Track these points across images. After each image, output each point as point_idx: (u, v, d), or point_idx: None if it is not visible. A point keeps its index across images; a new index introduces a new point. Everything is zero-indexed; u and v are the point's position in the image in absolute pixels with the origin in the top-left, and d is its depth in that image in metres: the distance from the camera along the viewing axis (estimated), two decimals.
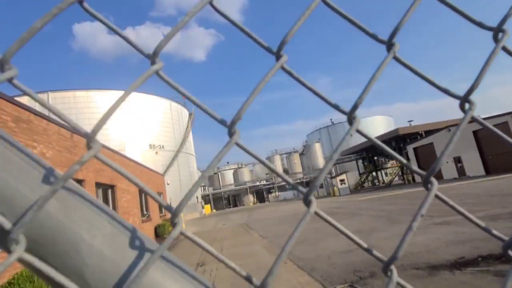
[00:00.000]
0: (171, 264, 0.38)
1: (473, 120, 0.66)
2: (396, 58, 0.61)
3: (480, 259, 5.00)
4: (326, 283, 5.19)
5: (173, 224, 0.42)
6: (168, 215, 21.25)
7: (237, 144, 0.49)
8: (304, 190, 0.56)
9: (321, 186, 48.13)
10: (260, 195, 66.24)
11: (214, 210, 57.86)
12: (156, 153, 35.71)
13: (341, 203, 23.35)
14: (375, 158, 49.79)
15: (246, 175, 66.43)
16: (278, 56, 0.56)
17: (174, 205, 0.42)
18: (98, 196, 9.88)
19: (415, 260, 5.63)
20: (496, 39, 0.70)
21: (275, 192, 63.52)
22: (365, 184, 51.29)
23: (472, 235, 6.55)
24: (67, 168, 0.32)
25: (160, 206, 18.37)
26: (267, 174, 67.15)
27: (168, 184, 25.91)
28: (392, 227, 9.37)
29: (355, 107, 0.55)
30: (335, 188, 38.59)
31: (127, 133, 33.53)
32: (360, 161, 52.30)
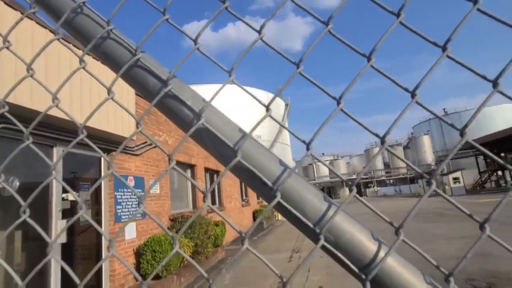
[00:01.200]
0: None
1: None
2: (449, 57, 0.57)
3: None
4: None
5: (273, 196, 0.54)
6: (264, 203, 22.55)
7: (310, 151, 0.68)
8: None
9: (428, 183, 42.92)
10: (357, 188, 63.45)
11: None
12: None
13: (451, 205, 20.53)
14: (502, 154, 41.61)
15: (342, 167, 64.39)
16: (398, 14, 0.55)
17: None
18: (206, 180, 11.27)
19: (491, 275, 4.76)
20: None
21: (373, 186, 59.81)
22: (487, 185, 43.56)
23: None
24: (183, 153, 0.57)
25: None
26: (364, 167, 63.65)
27: None
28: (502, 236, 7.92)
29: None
30: (447, 186, 34.05)
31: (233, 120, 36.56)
32: (480, 158, 44.54)
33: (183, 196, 9.72)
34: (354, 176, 62.59)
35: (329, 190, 65.09)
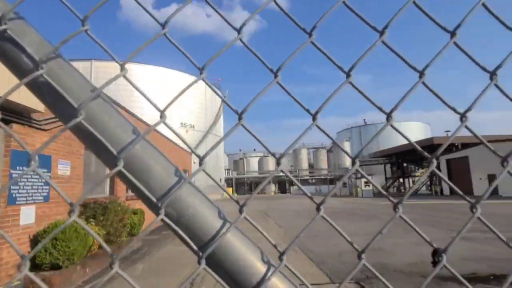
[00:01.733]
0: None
1: None
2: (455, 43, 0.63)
3: (492, 277, 4.92)
4: (333, 276, 5.35)
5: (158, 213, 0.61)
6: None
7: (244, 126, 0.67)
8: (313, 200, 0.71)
9: (344, 185, 47.38)
10: (282, 186, 66.59)
11: (236, 194, 59.12)
12: (187, 131, 36.85)
13: (363, 205, 23.04)
14: (405, 164, 48.09)
15: (270, 164, 66.83)
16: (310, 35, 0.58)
17: (197, 183, 0.59)
18: None
19: (422, 269, 5.64)
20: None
21: (295, 185, 63.54)
22: (390, 190, 49.85)
23: (490, 254, 6.38)
24: None
25: None
26: (291, 166, 67.19)
27: (194, 163, 26.84)
28: (407, 234, 9.25)
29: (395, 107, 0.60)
30: (358, 189, 37.93)
31: (161, 108, 34.83)
32: (388, 166, 50.78)
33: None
34: (281, 174, 65.56)
35: (256, 185, 67.08)
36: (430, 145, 35.90)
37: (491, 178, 28.32)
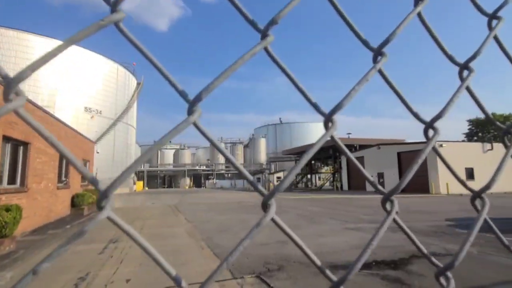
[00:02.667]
0: None
1: (433, 148, 0.70)
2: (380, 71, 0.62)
3: (374, 263, 5.52)
4: (235, 271, 5.27)
5: (100, 207, 0.41)
6: (90, 187, 19.76)
7: (195, 125, 0.48)
8: (264, 191, 0.52)
9: (258, 180, 49.21)
10: (198, 179, 65.52)
11: (147, 188, 55.70)
12: (92, 117, 32.98)
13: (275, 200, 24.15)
14: (313, 162, 52.42)
15: (186, 158, 65.10)
16: (264, 35, 0.52)
17: (100, 175, 0.31)
18: (5, 153, 8.74)
19: (320, 258, 6.02)
20: (461, 78, 0.71)
21: (213, 179, 63.32)
22: (299, 185, 53.81)
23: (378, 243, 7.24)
24: None
25: None
26: (208, 160, 66.66)
27: (97, 152, 24.16)
28: (310, 226, 9.93)
29: (334, 110, 0.57)
30: (271, 184, 39.86)
31: (61, 88, 30.33)
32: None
33: None
34: (197, 167, 64.52)
35: (171, 179, 64.53)
36: (333, 145, 39.98)
37: (380, 175, 33.00)
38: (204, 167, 64.81)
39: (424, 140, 0.69)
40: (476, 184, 0.74)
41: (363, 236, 8.05)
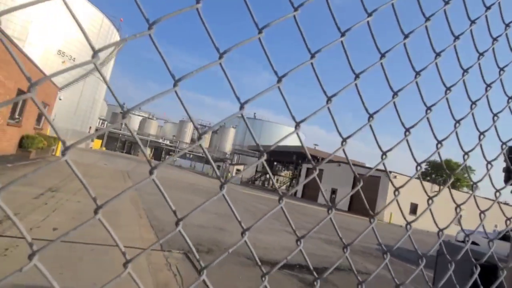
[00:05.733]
0: None
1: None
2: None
3: (297, 266, 5.92)
4: (165, 245, 5.42)
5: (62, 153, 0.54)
6: (45, 131, 18.73)
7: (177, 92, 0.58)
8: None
9: (218, 167, 49.24)
10: (159, 153, 64.15)
11: (104, 148, 53.63)
12: (63, 62, 31.07)
13: (228, 191, 24.37)
14: (275, 163, 53.37)
15: (152, 128, 63.42)
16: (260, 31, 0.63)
17: (58, 124, 0.43)
18: None
19: (250, 252, 6.35)
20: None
21: (174, 155, 62.37)
22: (256, 182, 54.57)
23: (306, 248, 7.71)
24: None
25: (40, 117, 15.92)
26: (173, 136, 65.43)
27: (60, 99, 22.93)
28: (252, 222, 10.27)
29: (303, 120, 0.71)
30: (229, 174, 40.09)
31: (37, 22, 28.27)
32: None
33: None
34: (161, 141, 63.09)
35: (131, 146, 62.57)
36: (299, 152, 41.09)
37: (333, 191, 34.48)
38: (168, 142, 63.56)
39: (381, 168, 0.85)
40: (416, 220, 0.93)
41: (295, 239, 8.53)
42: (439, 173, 55.34)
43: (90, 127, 36.97)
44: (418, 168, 0.95)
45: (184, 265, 4.75)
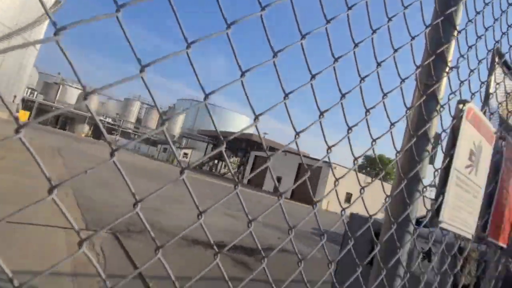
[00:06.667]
0: None
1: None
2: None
3: (233, 247, 5.92)
4: (91, 224, 5.01)
5: None
6: None
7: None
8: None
9: (164, 151, 47.64)
10: (99, 131, 59.67)
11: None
12: None
13: (169, 171, 23.72)
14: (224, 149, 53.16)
15: (92, 104, 58.59)
16: None
17: None
18: None
19: (188, 233, 6.19)
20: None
21: (116, 134, 58.57)
22: (204, 167, 54.00)
23: (239, 229, 7.79)
24: None
25: None
26: (117, 114, 61.34)
27: None
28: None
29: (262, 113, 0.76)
30: (176, 158, 39.11)
31: None
32: (210, 146, 54.79)
33: None
34: (102, 117, 58.68)
35: (66, 121, 57.09)
36: (249, 139, 41.43)
37: (279, 179, 35.59)
38: (111, 120, 59.27)
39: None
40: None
41: (234, 223, 8.58)
42: (373, 166, 60.26)
43: (15, 96, 32.80)
44: (355, 162, 1.04)
45: (111, 245, 4.43)
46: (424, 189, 1.11)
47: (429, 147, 1.12)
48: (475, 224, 1.29)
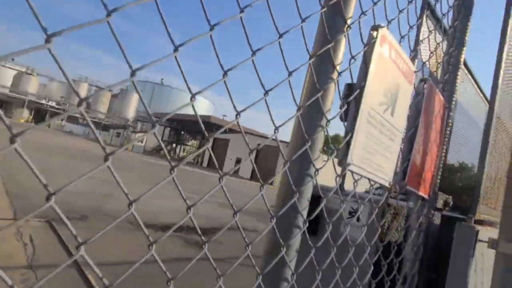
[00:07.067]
0: None
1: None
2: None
3: (186, 228, 5.73)
4: (20, 212, 4.48)
5: None
6: None
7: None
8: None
9: (118, 135, 45.17)
10: (42, 116, 54.62)
11: None
12: None
13: (127, 158, 22.55)
14: (182, 132, 51.84)
15: (32, 86, 53.16)
16: None
17: None
18: None
19: (142, 216, 5.86)
20: None
21: (62, 120, 54.07)
22: (162, 152, 52.26)
23: (203, 211, 7.60)
24: None
25: None
26: (62, 97, 56.44)
27: None
28: (146, 188, 9.64)
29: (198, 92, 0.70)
30: (129, 142, 37.27)
31: None
32: (168, 129, 52.92)
33: None
34: (44, 101, 53.66)
35: (1, 105, 51.24)
36: (207, 122, 40.55)
37: (238, 160, 35.58)
38: (54, 104, 54.23)
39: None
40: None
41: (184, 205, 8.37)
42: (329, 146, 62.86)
43: None
44: (276, 131, 0.99)
45: (43, 234, 4.00)
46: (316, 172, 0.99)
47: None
48: (392, 171, 1.19)
